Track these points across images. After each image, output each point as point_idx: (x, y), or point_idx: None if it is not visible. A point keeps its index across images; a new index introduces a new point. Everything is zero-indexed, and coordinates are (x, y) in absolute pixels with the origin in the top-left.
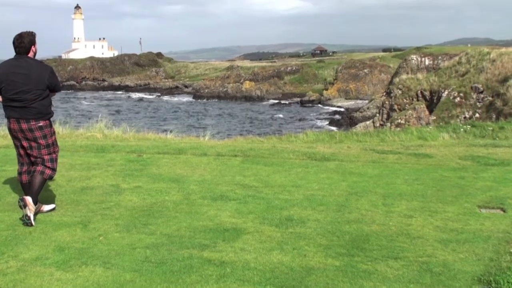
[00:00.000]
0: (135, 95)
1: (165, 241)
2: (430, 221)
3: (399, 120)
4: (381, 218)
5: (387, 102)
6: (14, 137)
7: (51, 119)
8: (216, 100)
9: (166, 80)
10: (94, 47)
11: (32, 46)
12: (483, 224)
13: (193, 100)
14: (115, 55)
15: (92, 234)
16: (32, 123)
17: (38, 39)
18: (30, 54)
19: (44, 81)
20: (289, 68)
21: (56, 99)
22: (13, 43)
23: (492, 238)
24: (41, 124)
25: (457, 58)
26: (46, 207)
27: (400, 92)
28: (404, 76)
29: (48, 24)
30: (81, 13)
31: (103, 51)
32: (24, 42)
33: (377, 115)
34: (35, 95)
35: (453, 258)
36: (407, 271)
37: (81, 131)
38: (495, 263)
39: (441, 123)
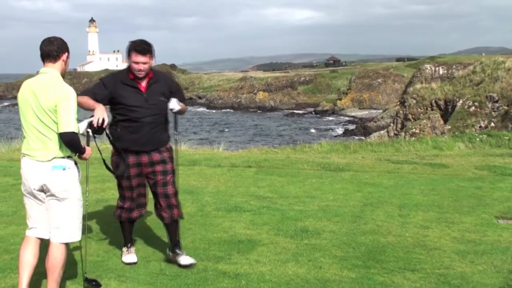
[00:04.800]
0: None
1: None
2: (447, 232)
3: (414, 130)
4: (397, 229)
5: (401, 112)
6: None
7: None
8: (230, 110)
9: None
10: (108, 60)
11: None
12: (501, 235)
13: (207, 110)
14: None
15: (107, 247)
16: None
17: None
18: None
19: None
20: (302, 78)
21: None
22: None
23: (511, 249)
24: None
25: (471, 67)
26: None
27: (414, 101)
28: (418, 86)
29: (63, 38)
30: (95, 26)
31: (118, 63)
32: None
33: (391, 124)
34: None
35: (471, 270)
36: (425, 283)
37: (95, 143)
38: None
39: (456, 133)
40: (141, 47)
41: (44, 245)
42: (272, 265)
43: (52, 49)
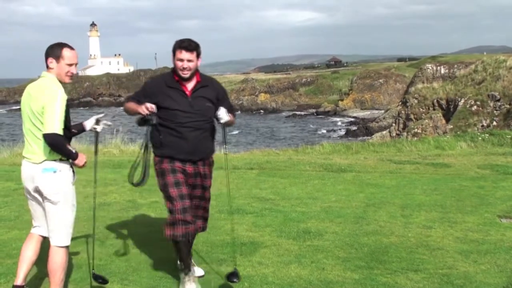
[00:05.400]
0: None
1: None
2: (450, 232)
3: (416, 130)
4: (400, 229)
5: (403, 112)
6: None
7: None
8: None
9: None
10: (110, 63)
11: None
12: (504, 234)
13: None
14: (131, 70)
15: (110, 250)
16: None
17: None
18: None
19: None
20: (304, 79)
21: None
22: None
23: None
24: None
25: (473, 66)
26: None
27: (416, 101)
28: (419, 85)
29: (65, 42)
30: (97, 30)
31: (119, 67)
32: None
33: (393, 125)
34: None
35: (474, 269)
36: (428, 283)
37: (97, 147)
38: None
39: (458, 132)
40: (187, 43)
41: (46, 246)
42: (275, 267)
43: (45, 55)
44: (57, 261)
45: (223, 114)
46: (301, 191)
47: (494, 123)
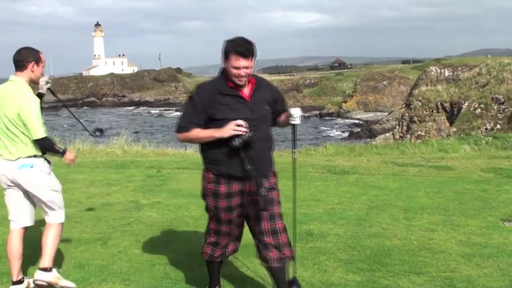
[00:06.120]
0: (155, 111)
1: (184, 258)
2: (452, 235)
3: (419, 132)
4: (403, 232)
5: (406, 114)
6: None
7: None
8: None
9: (186, 95)
10: (114, 64)
11: None
12: (507, 238)
13: None
14: (135, 71)
15: (112, 250)
16: None
17: (60, 57)
18: None
19: None
20: (307, 81)
21: (71, 116)
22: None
23: None
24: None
25: (477, 69)
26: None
27: (419, 103)
28: (423, 88)
29: (69, 42)
30: (101, 31)
31: (123, 67)
32: None
33: (397, 127)
34: None
35: (477, 273)
36: (430, 286)
37: (101, 147)
38: None
39: (462, 135)
40: (243, 48)
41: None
42: None
43: (19, 59)
44: (52, 235)
45: (296, 114)
46: (304, 192)
47: (498, 126)
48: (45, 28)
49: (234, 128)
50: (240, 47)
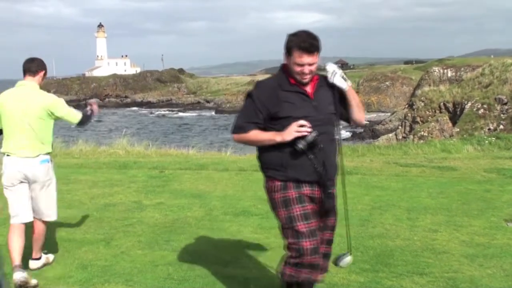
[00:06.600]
0: (157, 111)
1: (187, 258)
2: (455, 236)
3: (422, 133)
4: (406, 232)
5: (409, 115)
6: None
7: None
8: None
9: (188, 95)
10: (116, 64)
11: None
12: (511, 238)
13: (215, 115)
14: (138, 72)
15: (115, 251)
16: None
17: (62, 58)
18: None
19: None
20: None
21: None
22: None
23: None
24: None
25: (480, 70)
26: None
27: (422, 104)
28: (426, 88)
29: (72, 43)
30: (104, 31)
31: (126, 68)
32: None
33: (400, 127)
34: None
35: (480, 273)
36: (433, 287)
37: (103, 148)
38: None
39: (464, 135)
40: (308, 43)
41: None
42: None
43: (33, 66)
44: (43, 230)
45: (331, 68)
46: None
47: (501, 126)
48: (48, 29)
49: (297, 129)
50: (304, 42)
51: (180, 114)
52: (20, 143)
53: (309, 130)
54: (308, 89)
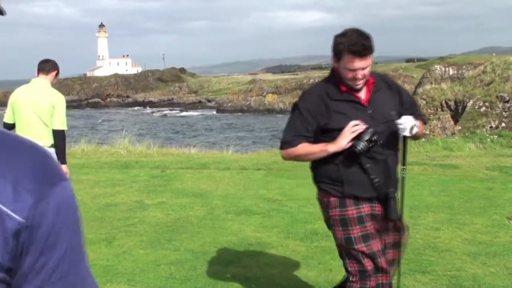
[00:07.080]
0: (159, 111)
1: (189, 257)
2: (458, 234)
3: (424, 131)
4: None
5: None
6: None
7: None
8: (240, 113)
9: (189, 95)
10: (118, 64)
11: None
12: None
13: (217, 114)
14: (139, 71)
15: (117, 251)
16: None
17: (63, 58)
18: None
19: None
20: (311, 80)
21: (77, 117)
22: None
23: None
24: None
25: (481, 68)
26: None
27: (424, 102)
28: (427, 86)
29: (73, 43)
30: (105, 31)
31: (127, 67)
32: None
33: None
34: None
35: (483, 272)
36: (436, 285)
37: (105, 147)
38: None
39: (466, 133)
40: (360, 46)
41: None
42: (282, 268)
43: (47, 65)
44: None
45: (406, 124)
46: (309, 191)
47: (503, 124)
48: (49, 29)
49: (351, 130)
50: (355, 45)
51: (184, 113)
52: (31, 134)
53: (364, 126)
54: (362, 95)
